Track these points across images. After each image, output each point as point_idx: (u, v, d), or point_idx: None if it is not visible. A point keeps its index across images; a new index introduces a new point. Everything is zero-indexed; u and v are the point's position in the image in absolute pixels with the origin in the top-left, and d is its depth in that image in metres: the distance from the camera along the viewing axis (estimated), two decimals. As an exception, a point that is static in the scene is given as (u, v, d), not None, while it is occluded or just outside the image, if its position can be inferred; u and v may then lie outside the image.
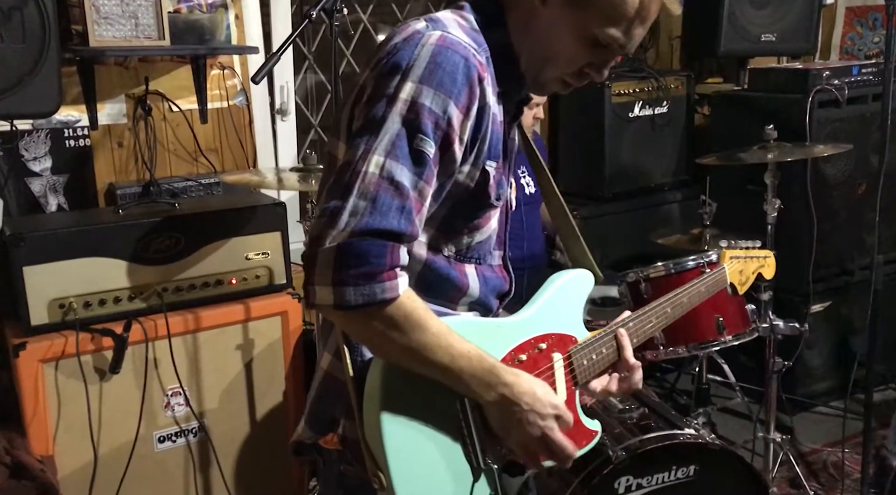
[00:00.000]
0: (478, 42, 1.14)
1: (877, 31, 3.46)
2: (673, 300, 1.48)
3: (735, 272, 1.72)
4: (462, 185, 1.14)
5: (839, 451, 2.68)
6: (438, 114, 1.06)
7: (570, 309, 1.29)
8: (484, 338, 1.14)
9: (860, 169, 3.00)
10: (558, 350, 1.24)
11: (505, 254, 1.31)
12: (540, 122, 3.38)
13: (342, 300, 1.00)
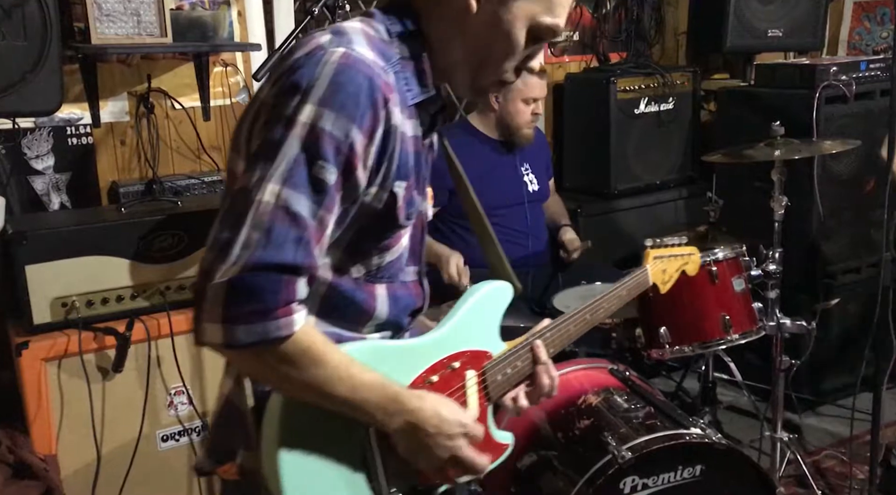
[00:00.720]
0: (387, 56, 1.08)
1: (885, 26, 3.43)
2: (593, 306, 1.45)
3: (658, 272, 1.70)
4: (369, 208, 1.09)
5: (847, 451, 2.66)
6: (340, 138, 1.00)
7: (486, 323, 1.26)
8: (394, 362, 1.12)
9: (868, 165, 2.98)
10: (472, 367, 1.22)
11: (420, 268, 1.27)
12: (544, 119, 3.38)
13: (232, 338, 0.96)
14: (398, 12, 1.13)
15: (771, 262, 2.33)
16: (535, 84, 2.67)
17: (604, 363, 2.24)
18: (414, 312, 1.25)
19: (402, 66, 1.10)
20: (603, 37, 3.48)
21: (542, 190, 2.90)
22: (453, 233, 2.79)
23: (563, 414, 2.03)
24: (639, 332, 2.25)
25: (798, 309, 2.71)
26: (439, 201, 2.76)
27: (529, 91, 2.67)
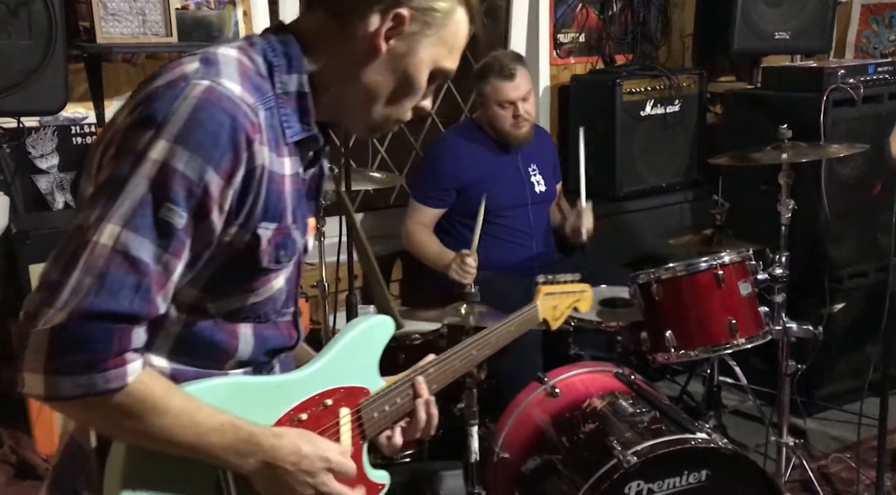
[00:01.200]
0: (261, 91, 1.02)
1: (893, 29, 3.41)
2: (480, 342, 1.42)
3: (548, 308, 1.68)
4: (229, 248, 1.02)
5: (853, 456, 2.64)
6: (193, 180, 0.93)
7: (364, 359, 1.22)
8: (257, 399, 1.07)
9: (875, 169, 2.95)
10: (346, 404, 1.17)
11: (296, 309, 1.21)
12: (549, 120, 3.36)
13: (55, 391, 0.89)
14: (284, 44, 1.07)
15: (777, 266, 2.31)
16: (503, 87, 2.65)
17: (609, 366, 2.23)
18: (281, 351, 1.19)
19: (281, 101, 1.05)
20: (609, 38, 3.47)
21: (550, 191, 2.89)
22: (460, 234, 2.78)
23: (567, 417, 2.02)
24: (644, 336, 2.24)
25: (804, 313, 2.69)
26: (446, 202, 2.76)
27: (498, 94, 2.66)
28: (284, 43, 1.07)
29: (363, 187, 2.60)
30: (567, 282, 1.74)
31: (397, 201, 3.31)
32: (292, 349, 1.22)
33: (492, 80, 2.67)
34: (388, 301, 1.29)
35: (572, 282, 1.75)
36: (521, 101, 2.67)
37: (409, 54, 1.07)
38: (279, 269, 1.09)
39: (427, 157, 2.86)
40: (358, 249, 1.36)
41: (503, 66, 2.67)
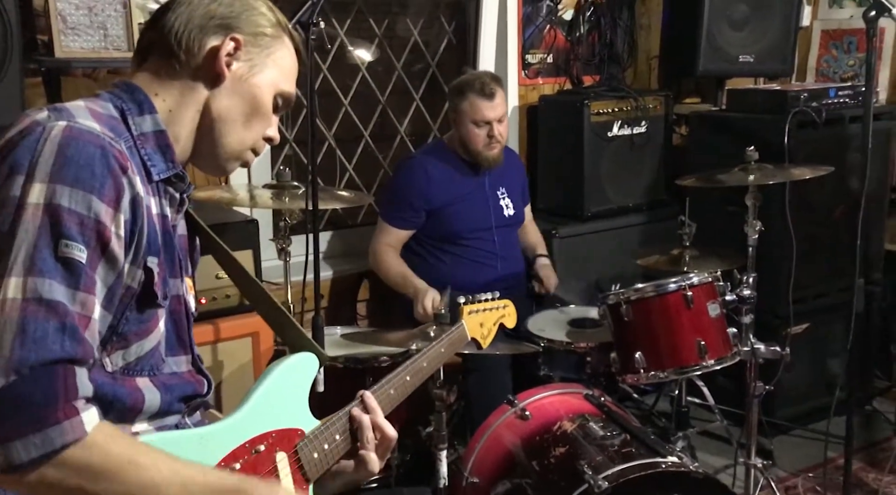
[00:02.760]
0: (116, 131, 1.03)
1: (851, 54, 3.49)
2: (413, 367, 1.40)
3: (475, 326, 1.71)
4: (127, 289, 1.01)
5: (821, 476, 2.65)
6: (82, 213, 0.92)
7: (293, 399, 1.19)
8: (184, 453, 1.02)
9: (838, 191, 3.00)
10: (282, 448, 1.14)
11: (193, 357, 1.18)
12: (518, 140, 3.36)
13: (10, 460, 0.82)
14: (129, 91, 1.09)
15: (745, 287, 2.32)
16: (481, 106, 2.64)
17: (579, 388, 2.21)
18: (190, 399, 1.16)
19: (140, 141, 1.07)
20: (576, 59, 3.49)
21: (518, 214, 2.87)
22: (430, 255, 2.76)
23: (538, 441, 1.99)
24: (614, 357, 2.23)
25: (771, 333, 2.71)
26: (415, 223, 2.73)
27: (475, 113, 2.64)
28: (129, 90, 1.10)
29: (330, 206, 2.56)
30: (488, 301, 1.77)
31: (365, 219, 3.27)
32: (206, 396, 1.19)
33: (471, 97, 2.65)
34: (305, 337, 1.27)
35: (493, 300, 1.79)
36: (496, 122, 2.66)
37: (251, 76, 1.12)
38: (163, 308, 1.08)
39: (397, 177, 2.82)
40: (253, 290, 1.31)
41: (484, 85, 2.66)
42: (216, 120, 1.12)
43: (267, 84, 1.14)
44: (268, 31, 1.14)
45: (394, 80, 3.31)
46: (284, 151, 3.10)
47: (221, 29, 1.11)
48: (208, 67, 1.10)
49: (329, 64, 3.16)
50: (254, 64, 1.13)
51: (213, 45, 1.10)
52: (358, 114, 3.25)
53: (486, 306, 1.76)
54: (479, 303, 1.75)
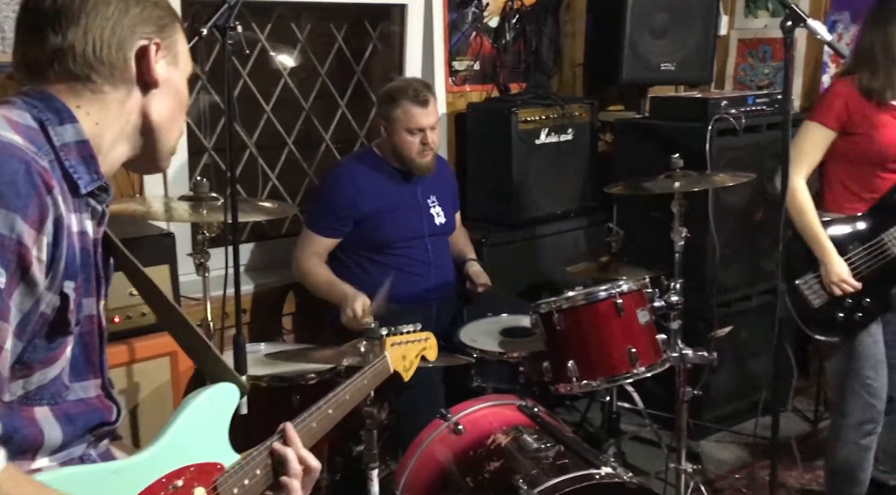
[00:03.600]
0: (37, 143, 0.97)
1: (767, 63, 3.60)
2: (335, 400, 1.38)
3: (398, 358, 1.71)
4: (41, 318, 0.95)
5: (747, 476, 2.71)
6: (4, 234, 0.86)
7: (212, 432, 1.15)
8: (95, 491, 0.98)
9: (757, 196, 3.08)
10: (200, 483, 1.09)
11: (104, 381, 1.12)
12: (447, 148, 3.33)
13: None
14: (44, 99, 1.03)
15: (673, 293, 2.34)
16: (416, 113, 2.60)
17: (512, 399, 2.18)
18: (96, 428, 1.09)
19: (63, 152, 1.00)
20: (503, 67, 3.49)
21: (449, 223, 2.83)
22: (357, 265, 2.69)
23: (471, 455, 1.95)
24: (546, 366, 2.21)
25: (697, 337, 2.76)
26: (341, 232, 2.65)
27: (409, 121, 2.60)
28: (44, 98, 1.03)
29: (253, 218, 2.46)
30: (410, 333, 1.78)
31: (290, 230, 3.17)
32: (114, 424, 1.11)
33: (404, 104, 2.60)
34: (225, 367, 1.21)
35: (415, 332, 1.79)
36: (429, 130, 2.62)
37: (173, 71, 1.13)
38: (73, 334, 1.02)
39: (323, 185, 2.74)
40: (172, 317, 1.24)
41: (418, 92, 2.62)
42: (157, 123, 1.11)
43: (184, 74, 1.16)
44: (167, 22, 1.13)
45: (318, 85, 3.23)
46: (203, 160, 2.98)
47: (138, 36, 1.08)
48: (139, 76, 1.09)
49: (250, 69, 3.05)
50: (171, 59, 1.13)
51: (138, 53, 1.08)
52: (281, 120, 3.16)
53: (408, 338, 1.76)
54: (401, 336, 1.75)
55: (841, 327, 2.33)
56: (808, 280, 2.35)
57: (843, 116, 2.25)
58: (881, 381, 2.35)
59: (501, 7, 3.46)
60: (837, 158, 2.32)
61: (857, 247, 2.30)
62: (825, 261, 2.28)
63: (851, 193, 2.32)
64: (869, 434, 2.38)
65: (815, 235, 2.29)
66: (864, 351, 2.32)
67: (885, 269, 2.28)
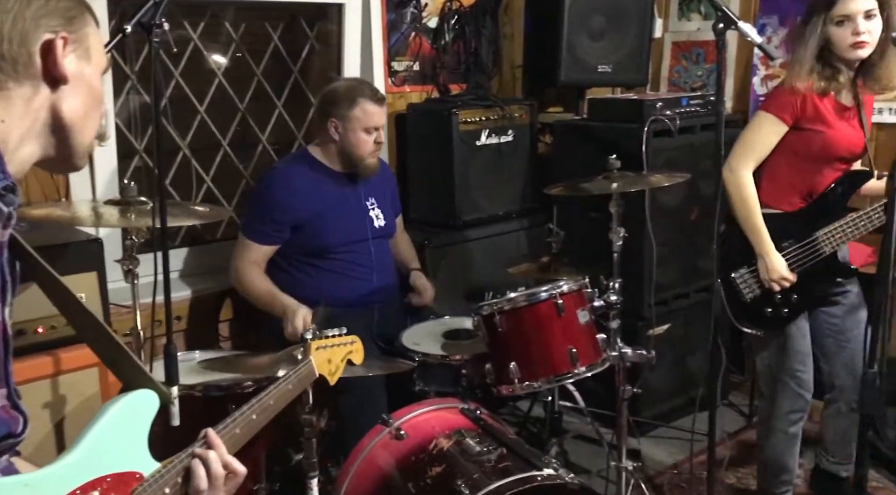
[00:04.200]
0: None
1: (700, 65, 3.68)
2: (259, 405, 1.38)
3: (323, 362, 1.72)
4: None
5: (687, 470, 2.76)
6: None
7: (130, 440, 1.13)
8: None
9: (692, 196, 3.15)
10: (118, 493, 1.08)
11: (10, 390, 1.09)
12: (387, 149, 3.30)
13: None
14: None
15: (612, 293, 2.37)
16: (375, 111, 2.58)
17: (455, 402, 2.17)
18: (3, 440, 1.06)
19: None
20: (443, 68, 3.48)
21: (389, 225, 2.80)
22: (298, 271, 2.63)
23: (413, 461, 1.93)
24: (489, 368, 2.20)
25: (635, 336, 2.80)
26: (279, 238, 2.59)
27: (369, 119, 2.57)
28: None
29: (185, 223, 2.39)
30: (336, 336, 1.77)
31: (226, 233, 3.09)
32: (20, 436, 1.07)
33: (363, 103, 2.55)
34: (143, 373, 1.17)
35: (341, 336, 1.78)
36: (382, 129, 2.60)
37: (85, 67, 1.08)
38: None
39: (259, 189, 2.66)
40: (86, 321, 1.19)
41: (374, 90, 2.59)
42: (68, 121, 1.06)
43: (98, 69, 1.11)
44: (76, 14, 1.07)
45: (253, 86, 3.16)
46: (134, 163, 2.88)
47: (43, 30, 1.02)
48: (46, 72, 1.04)
49: (182, 69, 2.96)
50: (82, 53, 1.08)
51: (43, 48, 1.03)
52: (215, 122, 3.07)
53: (334, 342, 1.75)
54: (327, 339, 1.73)
55: (768, 321, 2.39)
56: (742, 274, 2.40)
57: (797, 112, 2.28)
58: (809, 374, 2.42)
59: (440, 8, 3.45)
60: (784, 152, 2.34)
61: (792, 244, 2.35)
62: (764, 255, 2.33)
63: (791, 187, 2.36)
64: (796, 422, 2.46)
65: (757, 229, 2.32)
66: (793, 345, 2.39)
67: (815, 267, 2.35)
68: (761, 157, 2.35)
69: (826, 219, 2.32)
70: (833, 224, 2.30)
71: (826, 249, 2.32)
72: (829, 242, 2.31)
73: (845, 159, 2.34)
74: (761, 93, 3.41)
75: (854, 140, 2.32)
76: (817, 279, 2.35)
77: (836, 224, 2.30)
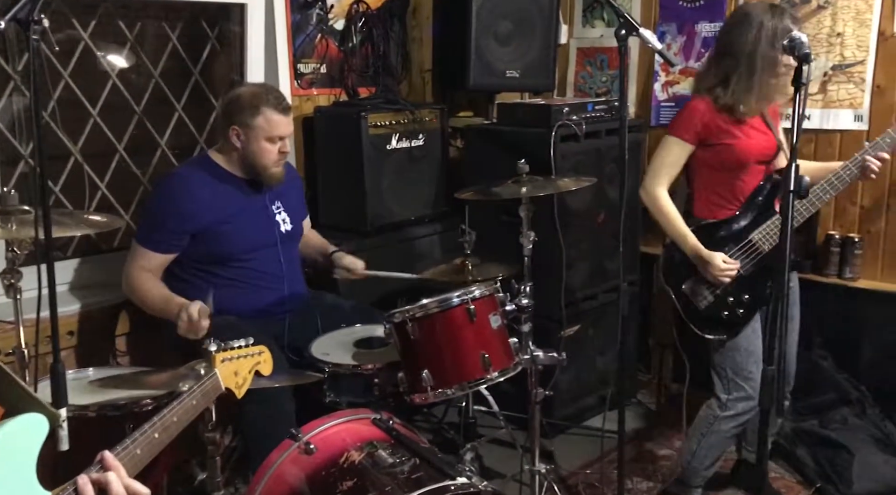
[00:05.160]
0: None
1: (604, 71, 3.76)
2: (161, 423, 1.33)
3: (229, 374, 1.68)
4: None
5: (598, 471, 2.80)
6: None
7: (16, 469, 1.08)
8: None
9: (598, 199, 3.21)
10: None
11: None
12: (295, 153, 3.21)
13: None
14: None
15: (524, 297, 2.37)
16: (280, 121, 2.50)
17: (367, 413, 2.12)
18: None
19: None
20: (351, 71, 3.42)
21: (296, 229, 2.72)
22: (200, 280, 2.51)
23: (324, 476, 1.87)
24: (401, 376, 2.17)
25: (546, 337, 2.82)
26: (177, 246, 2.47)
27: (273, 129, 2.49)
28: None
29: (75, 233, 2.23)
30: (242, 347, 1.70)
31: (123, 242, 2.94)
32: None
33: (267, 112, 2.46)
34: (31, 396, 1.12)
35: (247, 347, 1.72)
36: (288, 138, 2.51)
37: None
38: None
39: (156, 195, 2.53)
40: None
41: (279, 99, 2.50)
42: None
43: None
44: None
45: (151, 88, 3.01)
46: (19, 169, 2.69)
47: None
48: None
49: (72, 70, 2.79)
50: None
51: None
52: (110, 125, 2.92)
53: (240, 353, 1.68)
54: (232, 350, 1.66)
55: (727, 324, 2.46)
56: (691, 284, 2.46)
57: (701, 131, 2.39)
58: (760, 375, 2.49)
59: (347, 10, 3.40)
60: (702, 168, 2.46)
61: (732, 247, 2.43)
62: (699, 256, 2.40)
63: (720, 198, 2.46)
64: (741, 425, 2.53)
65: (684, 236, 2.42)
66: (749, 347, 2.46)
67: (760, 266, 2.43)
68: (673, 176, 2.46)
69: (758, 221, 2.42)
70: (765, 223, 2.40)
71: (765, 247, 2.41)
72: (766, 240, 2.41)
73: (762, 162, 2.43)
74: (662, 99, 3.51)
75: (764, 143, 2.42)
76: (765, 276, 2.42)
77: (768, 223, 2.40)
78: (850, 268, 2.99)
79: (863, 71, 2.92)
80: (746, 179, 2.43)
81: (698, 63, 3.38)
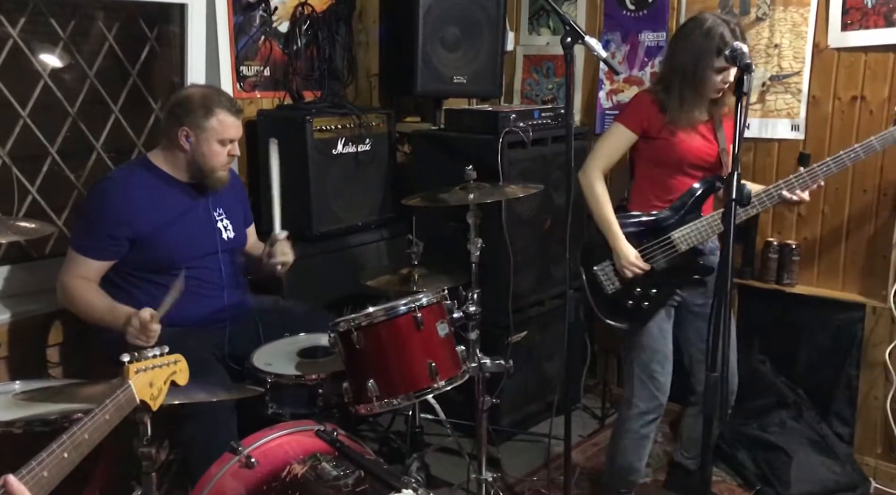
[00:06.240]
0: None
1: (550, 78, 3.79)
2: (71, 442, 1.27)
3: (144, 386, 1.61)
4: None
5: (545, 476, 2.80)
6: None
7: None
8: None
9: (545, 206, 3.22)
10: None
11: None
12: (237, 159, 3.13)
13: None
14: None
15: (471, 304, 2.36)
16: (231, 123, 2.44)
17: (310, 424, 2.07)
18: None
19: None
20: (295, 74, 3.36)
21: (239, 237, 2.65)
22: (138, 288, 2.42)
23: (265, 490, 1.82)
24: (346, 386, 2.13)
25: (493, 344, 2.82)
26: (115, 253, 2.38)
27: (225, 131, 2.43)
28: None
29: (4, 240, 2.12)
30: (157, 357, 1.63)
31: (56, 249, 2.82)
32: None
33: (220, 114, 2.39)
34: None
35: (163, 356, 1.64)
36: (236, 141, 2.45)
37: None
38: None
39: (92, 199, 2.42)
40: None
41: (232, 101, 2.43)
42: None
43: None
44: None
45: (86, 89, 2.90)
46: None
47: None
48: None
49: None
50: None
51: None
52: (42, 127, 2.80)
53: (154, 363, 1.60)
54: (146, 360, 1.58)
55: (630, 314, 2.49)
56: (604, 267, 2.50)
57: (645, 123, 2.42)
58: (666, 377, 2.53)
59: (291, 12, 3.34)
60: (643, 161, 2.50)
61: (651, 240, 2.47)
62: (615, 246, 2.43)
63: (654, 195, 2.49)
64: (649, 424, 2.56)
65: (608, 223, 2.44)
66: (653, 345, 2.49)
67: (672, 264, 2.46)
68: (612, 161, 2.49)
69: (683, 221, 2.45)
70: (688, 225, 2.44)
71: (681, 246, 2.44)
72: (684, 241, 2.44)
73: (698, 167, 2.47)
74: (607, 106, 3.56)
75: (706, 150, 2.45)
76: (676, 275, 2.46)
77: (690, 225, 2.43)
78: (787, 275, 3.07)
79: (799, 82, 3.01)
80: (681, 179, 2.47)
81: (642, 72, 3.43)
